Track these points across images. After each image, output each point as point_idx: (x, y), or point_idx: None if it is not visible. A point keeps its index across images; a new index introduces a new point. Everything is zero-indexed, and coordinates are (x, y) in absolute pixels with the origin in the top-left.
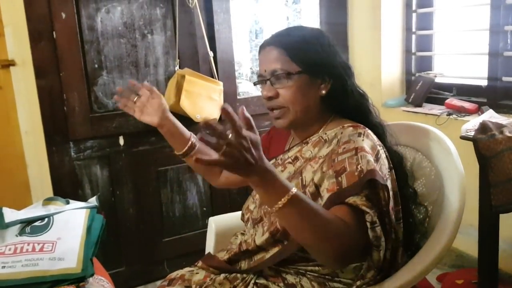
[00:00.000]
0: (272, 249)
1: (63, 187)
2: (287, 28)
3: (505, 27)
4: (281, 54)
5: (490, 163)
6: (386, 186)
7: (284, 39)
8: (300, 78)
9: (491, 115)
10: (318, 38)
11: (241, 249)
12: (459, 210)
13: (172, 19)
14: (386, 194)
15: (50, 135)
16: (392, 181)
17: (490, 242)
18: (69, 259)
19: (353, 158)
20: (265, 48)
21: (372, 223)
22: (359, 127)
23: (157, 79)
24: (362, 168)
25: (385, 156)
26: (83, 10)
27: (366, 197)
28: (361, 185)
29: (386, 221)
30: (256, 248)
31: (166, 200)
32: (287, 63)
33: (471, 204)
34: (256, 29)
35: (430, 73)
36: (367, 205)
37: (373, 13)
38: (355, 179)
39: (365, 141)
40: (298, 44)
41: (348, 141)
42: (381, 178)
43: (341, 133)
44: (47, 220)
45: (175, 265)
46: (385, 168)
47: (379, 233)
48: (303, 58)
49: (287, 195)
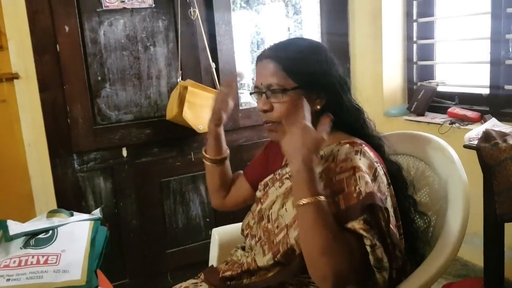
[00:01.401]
0: (273, 269)
1: (67, 199)
2: (286, 41)
3: (506, 36)
4: (277, 69)
5: (494, 172)
6: (386, 209)
7: (281, 53)
8: (295, 93)
9: (494, 124)
10: (316, 53)
11: (242, 268)
12: (464, 219)
13: (174, 31)
14: (386, 214)
15: (53, 147)
16: (391, 197)
17: (496, 251)
18: (74, 272)
19: (351, 178)
20: (262, 60)
21: (372, 246)
22: (356, 144)
23: (160, 91)
24: (361, 190)
25: (383, 173)
26: (86, 24)
27: (365, 220)
28: (360, 208)
29: (388, 242)
30: (257, 268)
31: (169, 211)
32: (282, 78)
33: (476, 213)
34: (258, 40)
35: (432, 82)
36: (365, 228)
37: (374, 23)
38: (354, 201)
39: (362, 160)
40: (295, 59)
41: (345, 160)
42: (380, 200)
43: (337, 150)
44: (51, 233)
45: (179, 277)
46: (383, 186)
47: (380, 255)
48: (299, 73)
49: (314, 198)
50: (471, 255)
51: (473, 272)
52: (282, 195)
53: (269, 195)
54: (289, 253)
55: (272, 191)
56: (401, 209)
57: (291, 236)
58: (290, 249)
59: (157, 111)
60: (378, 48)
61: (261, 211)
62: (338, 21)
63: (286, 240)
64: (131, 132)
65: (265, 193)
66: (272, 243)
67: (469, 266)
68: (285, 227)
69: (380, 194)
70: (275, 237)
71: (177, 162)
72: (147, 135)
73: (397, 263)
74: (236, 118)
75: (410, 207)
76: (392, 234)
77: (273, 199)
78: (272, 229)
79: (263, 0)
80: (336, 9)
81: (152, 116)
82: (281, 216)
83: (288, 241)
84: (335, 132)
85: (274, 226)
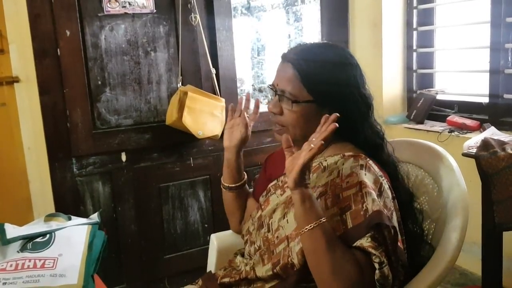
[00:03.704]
0: (271, 281)
1: (65, 203)
2: (312, 46)
3: (505, 45)
4: (295, 78)
5: (493, 180)
6: (393, 227)
7: (303, 62)
8: (307, 106)
9: (492, 132)
10: (340, 69)
11: (241, 276)
12: (462, 228)
13: (175, 37)
14: (392, 231)
15: (52, 151)
16: (396, 211)
17: (494, 259)
18: (70, 276)
19: (357, 195)
20: (284, 62)
21: (381, 264)
22: (360, 157)
23: (160, 96)
24: (367, 208)
25: (388, 187)
26: (88, 28)
27: (372, 237)
28: (367, 227)
29: (393, 259)
30: (255, 277)
31: (167, 216)
32: (298, 88)
33: (474, 221)
34: (258, 47)
35: (432, 90)
36: (373, 246)
37: (374, 31)
38: (361, 219)
39: (367, 175)
40: (315, 73)
41: (350, 175)
42: (387, 218)
43: (342, 164)
44: (48, 236)
45: (176, 282)
46: (389, 201)
47: (387, 272)
48: (315, 88)
49: (318, 221)
50: (469, 264)
51: (472, 281)
52: (283, 204)
53: (270, 201)
54: (289, 267)
55: (273, 198)
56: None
57: (293, 250)
58: (290, 263)
59: (157, 116)
60: (378, 56)
61: (261, 218)
62: (339, 29)
63: (287, 252)
64: (130, 137)
65: (266, 199)
66: (272, 253)
67: (468, 275)
68: (285, 238)
69: (387, 210)
70: (275, 247)
71: (176, 167)
72: (147, 140)
73: (399, 278)
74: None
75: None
76: (399, 252)
77: (273, 206)
78: (272, 239)
79: (264, 7)
80: (336, 17)
81: (151, 121)
82: (281, 226)
83: (290, 254)
84: (342, 143)
85: (274, 237)
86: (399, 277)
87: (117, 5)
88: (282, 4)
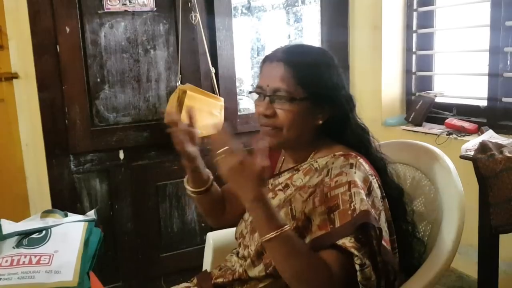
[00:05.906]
0: (265, 280)
1: (62, 200)
2: (299, 46)
3: (505, 49)
4: (288, 75)
5: (490, 183)
6: (379, 228)
7: (295, 58)
8: (302, 104)
9: (491, 136)
10: (329, 65)
11: (234, 277)
12: (458, 230)
13: (175, 35)
14: (378, 232)
15: (50, 148)
16: (385, 210)
17: (490, 262)
18: (66, 272)
19: (346, 194)
20: (273, 62)
21: (362, 265)
22: (351, 156)
23: (159, 94)
24: (355, 207)
25: (378, 186)
26: (87, 25)
27: (356, 238)
28: (354, 226)
29: (378, 260)
30: (248, 278)
31: (164, 215)
32: (292, 85)
33: (471, 224)
34: (258, 47)
35: (430, 93)
36: (356, 247)
37: (374, 33)
38: (348, 218)
39: (357, 173)
40: (309, 69)
41: (340, 173)
42: (374, 219)
43: (332, 163)
44: (44, 233)
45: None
46: (378, 200)
47: (368, 274)
48: (310, 84)
49: (279, 230)
50: (466, 267)
51: (468, 284)
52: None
53: None
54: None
55: None
56: (399, 234)
57: None
58: None
59: (155, 114)
60: (378, 58)
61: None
62: (339, 30)
63: None
64: (128, 135)
65: None
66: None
67: (464, 278)
68: None
69: (374, 210)
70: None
71: (174, 166)
72: (145, 138)
73: (387, 279)
74: (234, 124)
75: (408, 231)
76: (384, 252)
77: None
78: None
79: (265, 7)
80: (336, 19)
81: (150, 119)
82: None
83: None
84: (333, 144)
85: None
86: (388, 277)
87: (117, 3)
88: (282, 5)
